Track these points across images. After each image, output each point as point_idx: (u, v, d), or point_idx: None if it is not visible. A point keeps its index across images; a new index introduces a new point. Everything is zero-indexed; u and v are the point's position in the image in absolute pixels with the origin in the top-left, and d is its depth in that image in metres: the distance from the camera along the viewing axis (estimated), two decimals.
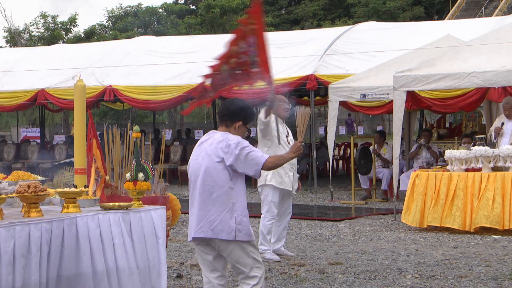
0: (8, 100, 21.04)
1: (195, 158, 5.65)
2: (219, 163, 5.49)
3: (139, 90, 19.29)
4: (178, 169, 20.24)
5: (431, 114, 23.19)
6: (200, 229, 5.52)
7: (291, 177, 9.04)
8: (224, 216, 5.47)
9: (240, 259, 5.54)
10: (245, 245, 5.53)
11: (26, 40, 43.25)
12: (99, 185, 6.86)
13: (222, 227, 5.47)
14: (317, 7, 49.04)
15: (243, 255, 5.53)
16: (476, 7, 40.42)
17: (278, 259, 9.02)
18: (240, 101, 5.75)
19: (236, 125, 5.63)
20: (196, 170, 5.60)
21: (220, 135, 5.60)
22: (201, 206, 5.53)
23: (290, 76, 17.37)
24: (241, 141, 5.53)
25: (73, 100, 6.83)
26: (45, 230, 5.24)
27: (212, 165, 5.50)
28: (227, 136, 5.57)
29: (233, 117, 5.64)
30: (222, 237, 5.48)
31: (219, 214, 5.47)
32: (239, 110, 5.66)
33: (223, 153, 5.49)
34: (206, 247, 5.62)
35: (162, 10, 46.06)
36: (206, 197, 5.51)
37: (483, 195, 10.81)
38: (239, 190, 5.54)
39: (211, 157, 5.52)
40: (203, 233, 5.51)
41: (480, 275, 8.05)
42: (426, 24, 22.81)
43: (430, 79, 12.45)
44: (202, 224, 5.51)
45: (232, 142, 5.50)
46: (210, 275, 5.67)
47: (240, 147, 5.47)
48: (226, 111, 5.69)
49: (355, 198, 15.44)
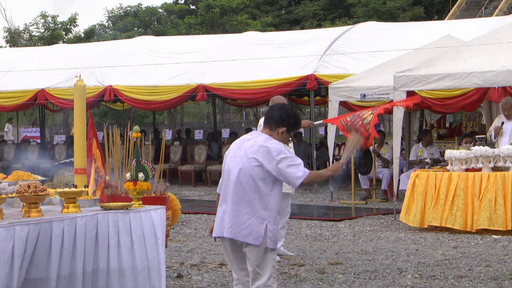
0: (8, 100, 21.06)
1: (234, 156, 5.51)
2: (257, 167, 5.38)
3: (139, 90, 19.30)
4: (178, 169, 20.24)
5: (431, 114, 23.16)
6: (229, 229, 5.44)
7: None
8: (254, 221, 5.38)
9: (262, 264, 5.44)
10: (270, 252, 5.46)
11: (26, 40, 43.24)
12: (99, 185, 6.86)
13: (250, 231, 5.38)
14: (317, 7, 49.00)
15: (266, 261, 5.44)
16: (476, 7, 40.42)
17: (278, 259, 9.01)
18: (288, 108, 5.63)
19: (280, 130, 5.50)
20: (232, 167, 5.47)
21: (263, 139, 5.46)
22: (233, 206, 5.43)
23: (290, 76, 17.38)
24: (283, 150, 5.41)
25: (73, 100, 6.84)
26: (45, 230, 5.24)
27: (249, 167, 5.39)
28: (270, 141, 5.45)
29: (279, 122, 5.51)
30: (248, 241, 5.40)
31: (250, 217, 5.38)
32: (286, 117, 5.53)
33: (263, 158, 5.38)
34: (235, 247, 5.54)
35: (162, 10, 46.04)
36: (240, 198, 5.41)
37: (484, 196, 10.81)
38: (275, 196, 5.44)
39: (250, 160, 5.40)
40: (231, 234, 5.43)
41: (480, 275, 8.05)
42: (426, 24, 22.80)
43: (430, 79, 12.45)
44: (232, 224, 5.43)
45: (274, 149, 5.39)
46: (239, 273, 5.62)
47: (282, 156, 5.36)
48: (273, 115, 5.56)
49: (355, 198, 15.44)
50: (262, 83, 17.70)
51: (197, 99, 19.14)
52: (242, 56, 19.01)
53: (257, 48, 19.42)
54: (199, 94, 18.43)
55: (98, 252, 5.61)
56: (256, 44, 19.82)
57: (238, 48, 19.79)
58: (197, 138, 24.50)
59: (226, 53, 19.32)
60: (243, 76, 18.20)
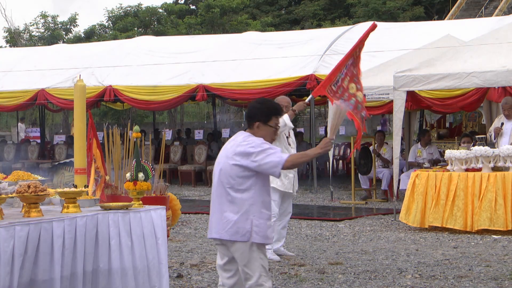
0: (8, 100, 21.05)
1: (217, 159, 5.64)
2: (236, 166, 5.43)
3: (139, 90, 19.29)
4: (178, 169, 20.25)
5: (431, 114, 23.17)
6: (215, 229, 5.51)
7: (291, 178, 9.06)
8: (239, 218, 5.42)
9: (249, 263, 5.47)
10: (258, 249, 5.47)
11: (26, 40, 43.26)
12: (99, 185, 6.86)
13: (236, 229, 5.43)
14: (317, 7, 49.00)
15: (253, 259, 5.46)
16: (476, 7, 40.43)
17: (278, 259, 9.02)
18: (257, 102, 5.69)
19: (255, 125, 5.56)
20: (215, 170, 5.60)
21: (242, 137, 5.54)
22: (217, 207, 5.51)
23: (290, 76, 17.38)
24: (260, 144, 5.44)
25: (73, 100, 6.83)
26: (45, 230, 5.24)
27: (228, 167, 5.46)
28: (247, 138, 5.50)
29: (250, 119, 5.59)
30: (236, 239, 5.44)
31: (234, 215, 5.43)
32: (254, 111, 5.60)
33: (240, 156, 5.43)
34: (222, 247, 5.59)
35: (162, 10, 46.01)
36: (223, 198, 5.48)
37: (485, 196, 10.81)
38: (258, 191, 5.46)
39: (229, 159, 5.48)
40: (218, 234, 5.49)
41: (480, 275, 8.05)
42: (426, 24, 22.80)
43: (430, 79, 12.45)
44: (218, 224, 5.49)
45: (251, 145, 5.44)
46: (223, 274, 5.66)
47: (258, 150, 5.39)
48: (246, 114, 5.70)
49: (355, 198, 15.44)
50: (262, 83, 17.70)
51: (197, 99, 19.14)
52: (242, 56, 19.01)
53: (257, 48, 19.42)
54: (199, 94, 18.43)
55: (98, 252, 5.61)
56: (256, 44, 19.83)
57: (238, 48, 19.79)
58: (197, 138, 24.50)
59: (226, 53, 19.32)
60: (243, 76, 18.19)
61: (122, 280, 5.73)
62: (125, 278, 5.74)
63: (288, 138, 9.06)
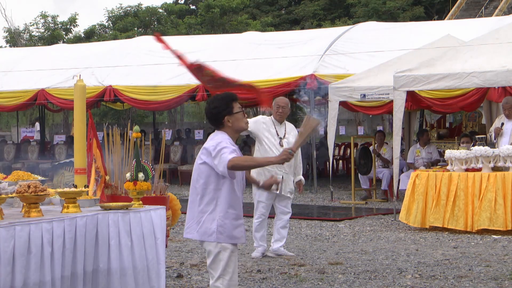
0: (8, 100, 21.06)
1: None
2: (203, 165, 5.47)
3: (139, 90, 19.29)
4: (178, 169, 20.25)
5: (431, 114, 23.17)
6: (188, 229, 5.56)
7: (280, 180, 9.05)
8: (206, 218, 5.45)
9: (212, 263, 5.48)
10: (223, 251, 5.44)
11: (26, 40, 43.26)
12: (99, 185, 6.85)
13: (205, 229, 5.45)
14: (317, 7, 49.00)
15: (217, 260, 5.46)
16: (476, 7, 40.43)
17: (260, 256, 9.06)
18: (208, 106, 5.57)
19: (225, 122, 5.50)
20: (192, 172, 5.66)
21: (210, 137, 5.57)
22: (190, 206, 5.57)
23: (290, 76, 17.37)
24: (220, 142, 5.40)
25: (73, 100, 6.83)
26: (45, 230, 5.24)
27: (197, 166, 5.52)
28: (214, 137, 5.51)
29: (218, 120, 5.51)
30: (204, 239, 5.46)
31: (203, 215, 5.46)
32: (215, 112, 5.50)
33: (206, 155, 5.45)
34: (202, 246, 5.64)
35: (162, 10, 46.03)
36: (194, 198, 5.53)
37: (485, 196, 10.81)
38: (226, 191, 5.44)
39: (198, 160, 5.55)
40: (190, 234, 5.54)
41: (480, 275, 8.05)
42: (426, 24, 22.81)
43: (430, 79, 12.45)
44: (190, 224, 5.54)
45: (213, 144, 5.43)
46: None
47: (218, 148, 5.37)
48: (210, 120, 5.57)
49: (355, 198, 15.44)
50: (262, 83, 17.67)
51: (197, 99, 19.15)
52: (242, 56, 19.00)
53: (257, 48, 19.42)
54: (199, 94, 18.43)
55: (98, 252, 5.62)
56: (256, 44, 19.82)
57: (238, 48, 19.79)
58: (197, 138, 24.51)
59: (226, 53, 19.31)
60: (243, 76, 18.12)
61: (121, 280, 5.73)
62: (124, 278, 5.75)
63: (282, 139, 9.05)
